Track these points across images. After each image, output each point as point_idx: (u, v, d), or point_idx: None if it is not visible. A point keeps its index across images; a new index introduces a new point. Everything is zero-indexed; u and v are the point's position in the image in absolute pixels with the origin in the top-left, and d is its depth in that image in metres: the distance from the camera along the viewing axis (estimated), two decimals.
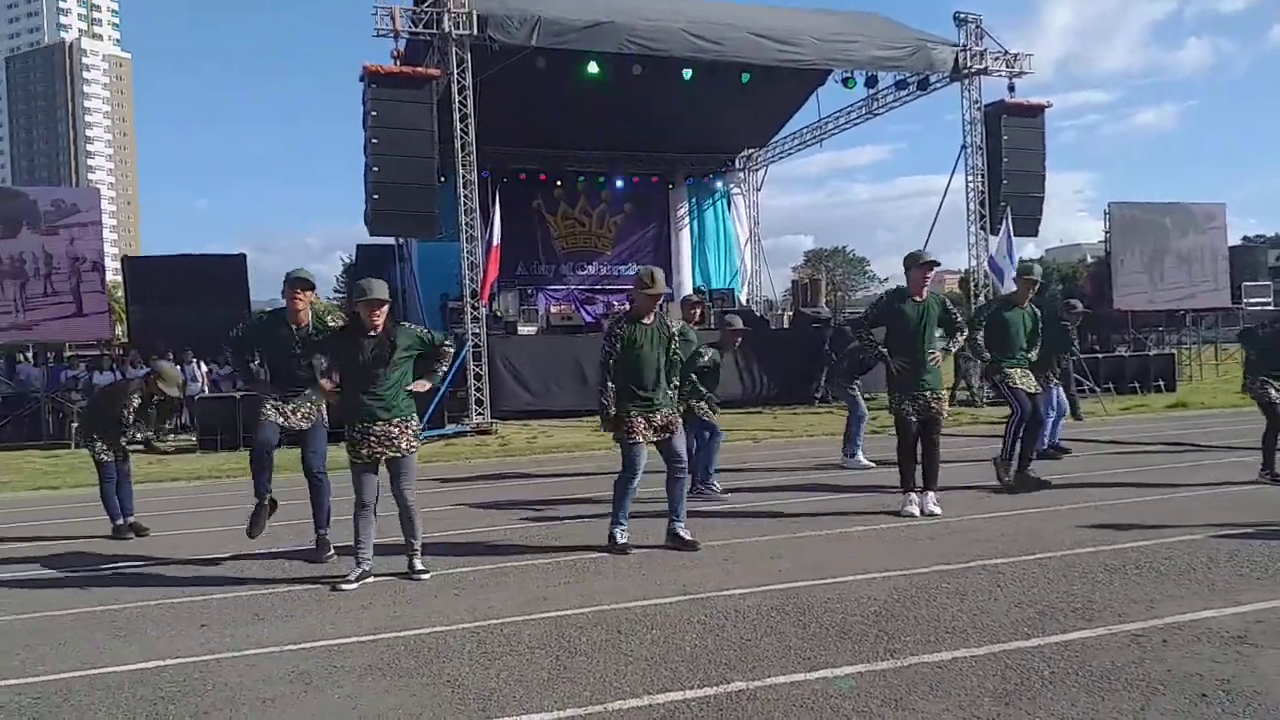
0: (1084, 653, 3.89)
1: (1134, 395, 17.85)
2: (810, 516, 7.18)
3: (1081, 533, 6.18)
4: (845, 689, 3.60)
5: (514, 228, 21.70)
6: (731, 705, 3.49)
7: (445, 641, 4.43)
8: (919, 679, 3.68)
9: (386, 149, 15.02)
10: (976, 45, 18.29)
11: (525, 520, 7.61)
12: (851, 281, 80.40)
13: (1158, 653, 3.85)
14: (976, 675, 3.69)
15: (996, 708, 3.36)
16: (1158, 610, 4.40)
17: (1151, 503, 7.25)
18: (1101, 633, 4.13)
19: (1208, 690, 3.44)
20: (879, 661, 3.89)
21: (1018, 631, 4.20)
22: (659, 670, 3.88)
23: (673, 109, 20.87)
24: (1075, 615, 4.40)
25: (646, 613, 4.73)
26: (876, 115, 21.58)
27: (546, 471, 10.78)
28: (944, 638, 4.16)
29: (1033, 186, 18.85)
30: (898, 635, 4.22)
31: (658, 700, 3.56)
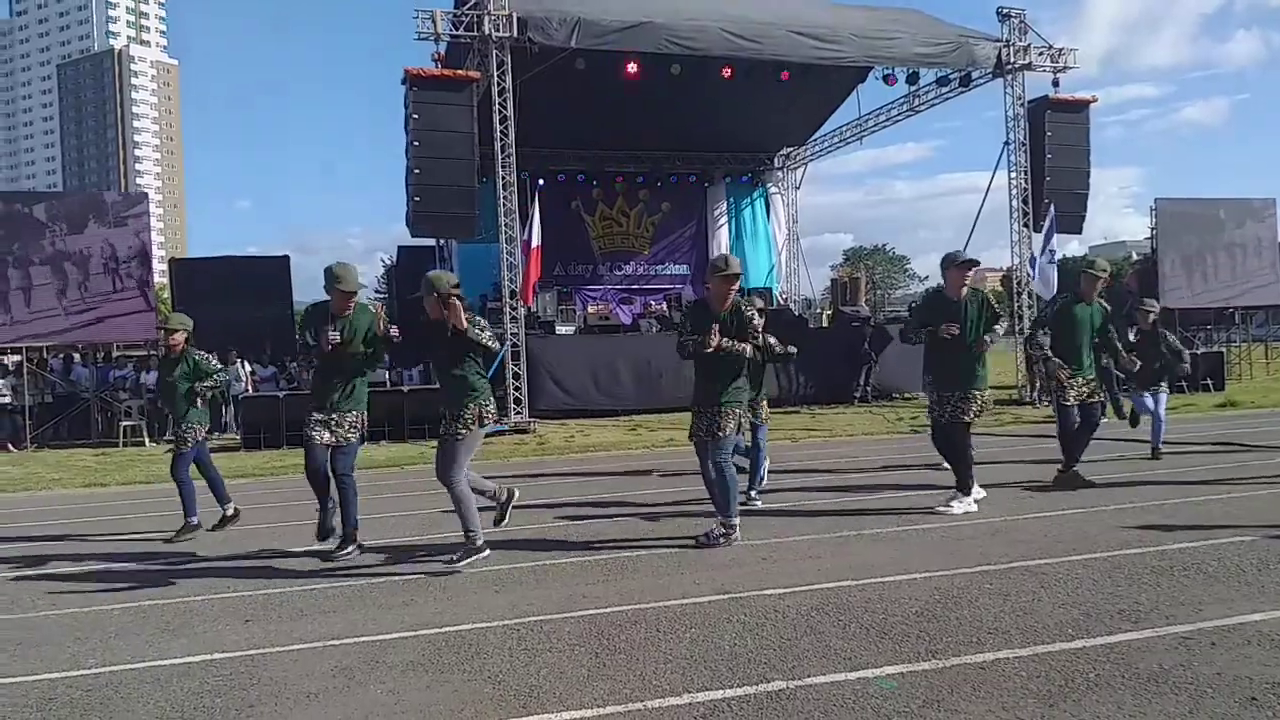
0: (1130, 655, 3.83)
1: (1181, 394, 17.50)
2: (849, 516, 7.14)
3: (1127, 534, 6.08)
4: (887, 689, 3.58)
5: (552, 228, 21.78)
6: (771, 704, 3.49)
7: (485, 638, 4.47)
8: (961, 680, 3.64)
9: (427, 151, 15.18)
10: (1020, 40, 18.04)
11: (563, 519, 7.64)
12: (891, 280, 79.76)
13: (1206, 655, 3.78)
14: (1020, 676, 3.65)
15: (1040, 709, 3.32)
16: (1206, 613, 4.32)
17: (1199, 504, 7.11)
18: (1148, 635, 4.06)
19: (1258, 694, 3.37)
20: (920, 662, 3.86)
21: (1062, 633, 4.14)
22: (698, 669, 3.88)
23: (711, 108, 20.83)
24: (1121, 617, 4.33)
25: (685, 611, 4.74)
26: (918, 112, 21.37)
27: (584, 470, 10.82)
28: (987, 639, 4.12)
29: (1077, 183, 18.55)
30: (939, 636, 4.18)
31: (698, 699, 3.57)
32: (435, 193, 15.30)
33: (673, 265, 25.62)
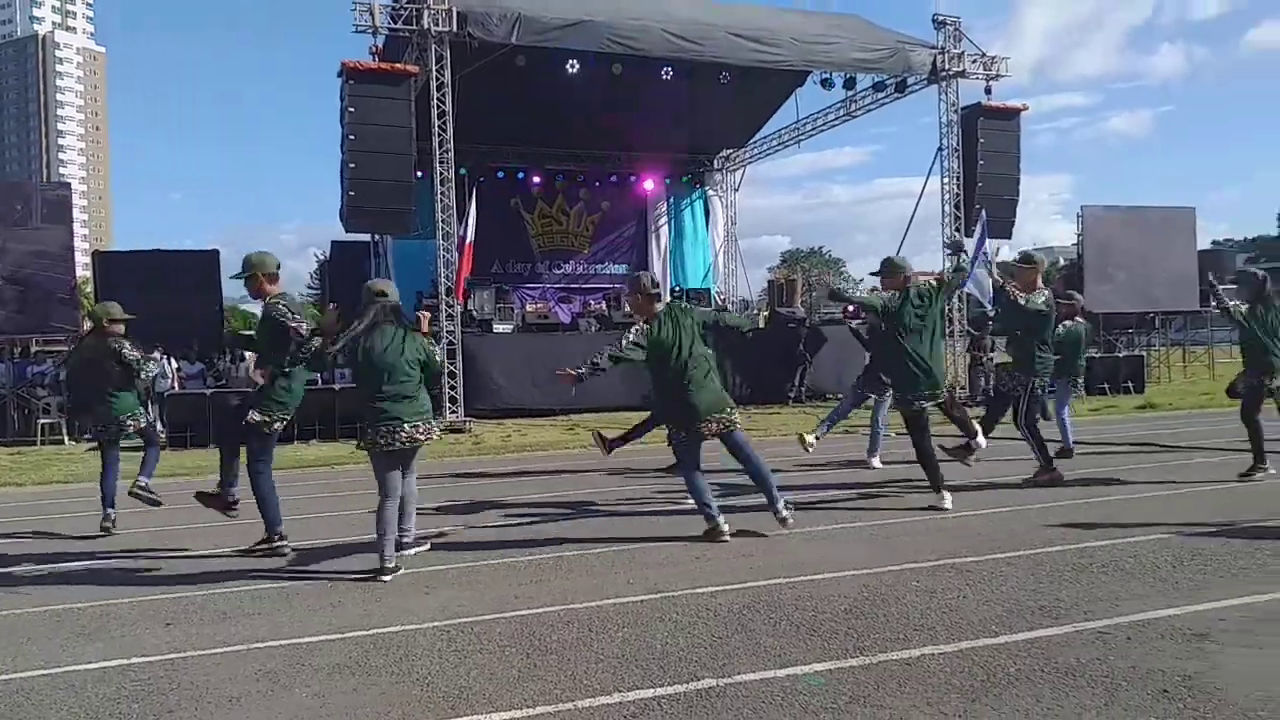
0: (1050, 650, 3.93)
1: (1104, 396, 18.05)
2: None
3: (1050, 532, 6.24)
4: (815, 686, 3.62)
5: (491, 226, 21.63)
6: (701, 702, 3.50)
7: (415, 639, 4.41)
8: (888, 676, 3.70)
9: (363, 145, 14.96)
10: (954, 48, 18.43)
11: (497, 519, 7.59)
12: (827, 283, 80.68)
13: (1122, 649, 3.90)
14: (944, 672, 3.72)
15: (963, 704, 3.39)
16: (1122, 608, 4.45)
17: (1119, 502, 7.33)
18: (1067, 630, 4.17)
19: (1169, 687, 3.48)
20: (849, 658, 3.91)
21: (986, 629, 4.23)
22: (629, 668, 3.88)
23: (652, 108, 20.90)
24: (1042, 613, 4.44)
25: (618, 611, 4.74)
26: (855, 117, 21.70)
27: (520, 470, 10.75)
28: (913, 635, 4.19)
29: (1007, 189, 19.01)
30: (867, 633, 4.24)
31: (629, 698, 3.56)
32: (371, 187, 15.09)
33: (612, 265, 25.62)
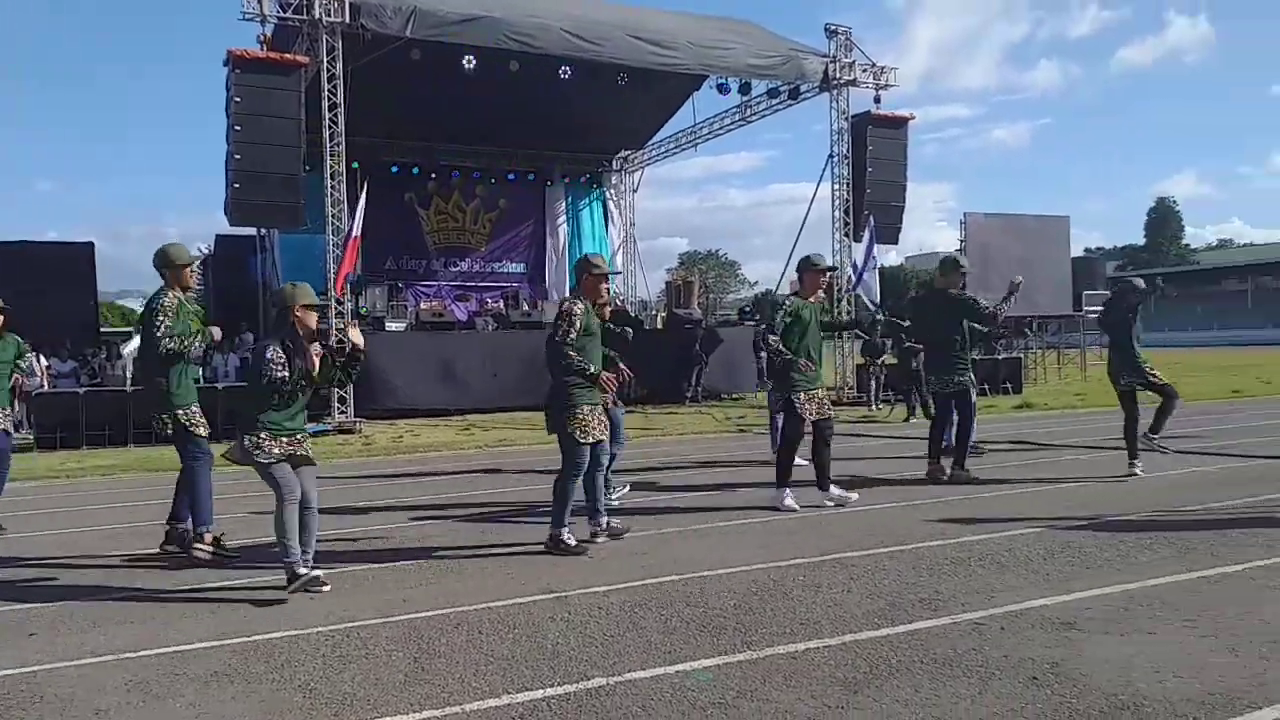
0: (929, 641, 4.07)
1: (984, 397, 18.77)
2: (676, 512, 7.28)
3: (930, 527, 6.47)
4: (704, 682, 3.66)
5: (384, 221, 21.24)
6: (591, 701, 3.51)
7: (298, 646, 4.29)
8: (774, 670, 3.77)
9: (250, 137, 14.46)
10: (846, 57, 18.89)
11: (387, 522, 7.44)
12: (724, 284, 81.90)
13: (996, 639, 4.07)
14: (828, 665, 3.81)
15: (846, 695, 3.48)
16: (997, 600, 4.64)
17: (995, 498, 7.65)
18: (945, 622, 4.33)
19: (1039, 674, 3.64)
20: (737, 654, 3.97)
21: (868, 622, 4.36)
22: (519, 669, 3.86)
23: (550, 107, 20.81)
24: (922, 605, 4.60)
25: (509, 612, 4.70)
26: (750, 122, 22.07)
27: (412, 471, 10.57)
28: (799, 629, 4.28)
29: (895, 196, 19.61)
30: (755, 627, 4.32)
31: (517, 699, 3.54)
32: (258, 180, 14.59)
33: (510, 263, 25.44)
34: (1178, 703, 3.31)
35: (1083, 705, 3.32)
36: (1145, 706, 3.29)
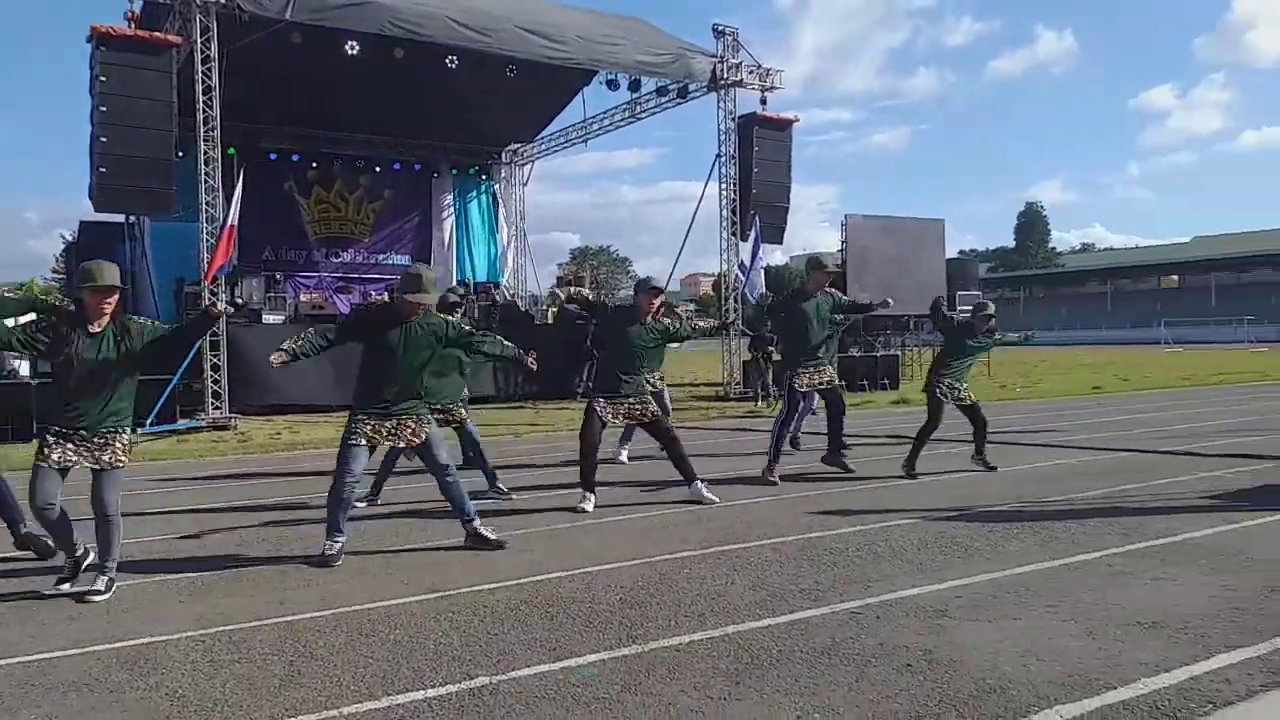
0: (809, 630, 4.17)
1: (864, 392, 19.39)
2: (565, 509, 7.25)
3: (811, 519, 6.63)
4: (588, 677, 3.66)
5: (262, 210, 20.50)
6: (474, 701, 3.46)
7: (165, 651, 4.10)
8: (659, 662, 3.80)
9: (117, 119, 13.70)
10: (733, 58, 19.14)
11: (262, 521, 7.16)
12: (615, 280, 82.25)
13: (872, 628, 4.19)
14: (712, 656, 3.86)
15: (728, 686, 3.53)
16: (873, 589, 4.79)
17: (873, 490, 7.90)
18: (824, 611, 4.45)
19: (912, 661, 3.77)
20: (622, 648, 3.98)
21: (751, 613, 4.44)
22: (400, 670, 3.78)
23: (437, 97, 20.44)
24: (802, 596, 4.71)
25: (390, 613, 4.60)
26: (639, 119, 22.13)
27: (290, 470, 10.23)
28: (683, 621, 4.33)
29: (779, 197, 19.99)
30: (640, 621, 4.34)
31: (397, 701, 3.47)
32: (125, 164, 13.84)
33: (395, 255, 24.87)
34: (1040, 685, 3.47)
35: (953, 690, 3.45)
36: (1011, 690, 3.44)
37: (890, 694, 3.44)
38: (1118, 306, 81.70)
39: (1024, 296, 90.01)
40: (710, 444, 11.75)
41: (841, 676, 3.62)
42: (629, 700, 3.42)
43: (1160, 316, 61.17)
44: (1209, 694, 3.35)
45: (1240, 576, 4.87)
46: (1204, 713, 3.20)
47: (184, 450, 11.92)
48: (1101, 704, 3.29)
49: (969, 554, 5.52)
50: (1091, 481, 7.96)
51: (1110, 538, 5.81)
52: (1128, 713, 3.21)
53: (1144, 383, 21.85)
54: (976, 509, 6.86)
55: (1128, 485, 7.74)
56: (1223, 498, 7.10)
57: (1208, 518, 6.33)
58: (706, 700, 3.41)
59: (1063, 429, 12.24)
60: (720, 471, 8.78)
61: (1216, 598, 4.51)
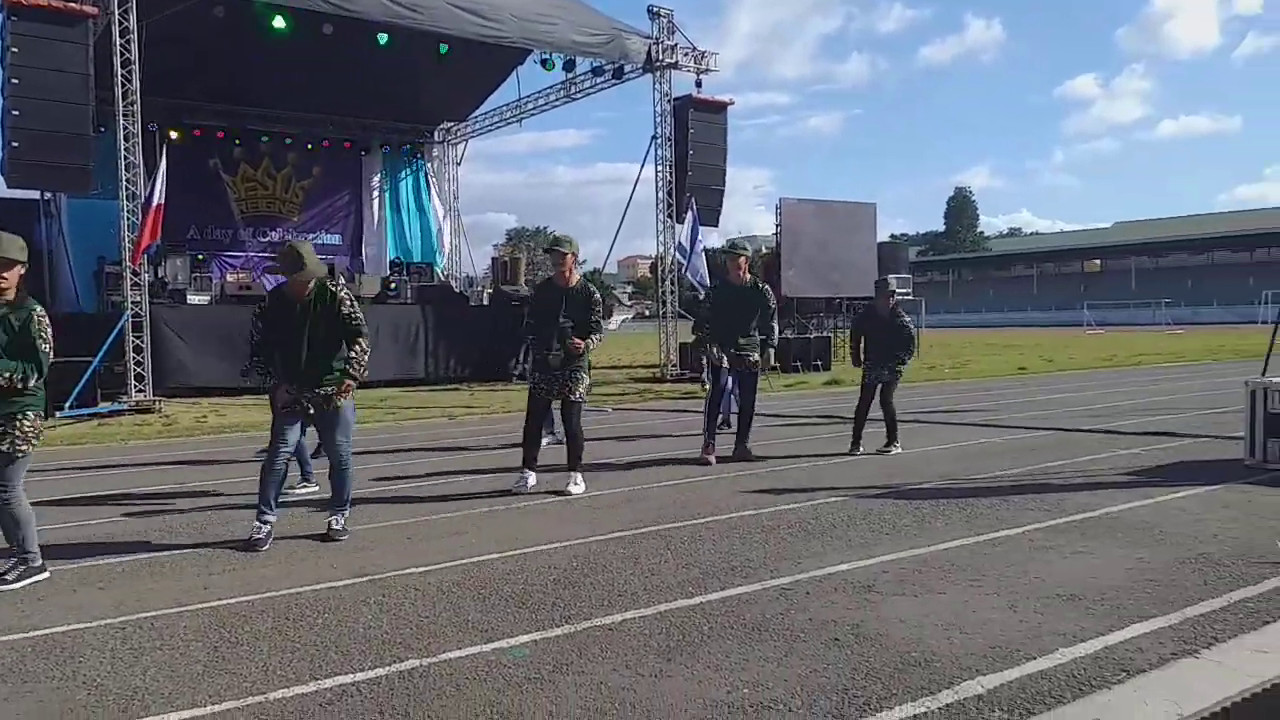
0: (740, 607, 4.21)
1: (797, 373, 19.62)
2: (499, 491, 7.20)
3: (743, 497, 6.70)
4: (519, 658, 3.65)
5: (186, 187, 19.88)
6: (404, 684, 3.42)
7: (83, 640, 3.98)
8: (591, 641, 3.80)
9: (30, 92, 13.15)
10: (668, 39, 19.09)
11: (189, 507, 6.99)
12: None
13: (802, 603, 4.25)
14: (644, 634, 3.88)
15: (659, 664, 3.56)
16: (804, 565, 4.86)
17: (805, 469, 8.01)
18: (755, 588, 4.50)
19: (840, 635, 3.84)
20: (554, 628, 3.98)
21: (683, 590, 4.47)
22: (328, 654, 3.72)
23: (367, 74, 20.02)
24: (734, 573, 4.76)
25: (319, 597, 4.52)
26: (574, 100, 21.97)
27: (216, 454, 9.99)
28: (616, 600, 4.34)
29: (715, 179, 20.05)
30: (574, 601, 4.34)
31: (325, 685, 3.42)
32: (39, 139, 13.30)
33: (326, 235, 24.39)
34: (963, 657, 3.56)
35: (879, 663, 3.52)
36: (935, 662, 3.52)
37: (818, 668, 3.49)
38: (1043, 289, 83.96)
39: (953, 279, 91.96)
40: (646, 426, 11.79)
41: (771, 652, 3.67)
42: (560, 680, 3.42)
43: (1083, 299, 63.00)
44: (1123, 662, 3.47)
45: (1154, 550, 5.05)
46: (1118, 680, 3.31)
47: (105, 434, 11.56)
48: (1021, 674, 3.39)
49: (897, 530, 5.63)
50: (1015, 459, 8.17)
51: (1033, 513, 5.98)
52: (1046, 682, 3.31)
53: (1067, 364, 22.48)
54: (905, 487, 6.99)
55: (1050, 463, 7.96)
56: (1139, 474, 7.36)
57: (1125, 493, 6.55)
58: (638, 678, 3.42)
59: (989, 408, 12.54)
60: (656, 452, 8.81)
61: (1132, 570, 4.67)
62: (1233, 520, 5.69)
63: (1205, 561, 4.79)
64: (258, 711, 3.22)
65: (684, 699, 3.24)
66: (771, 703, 3.19)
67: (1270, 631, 3.77)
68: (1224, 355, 23.66)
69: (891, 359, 8.99)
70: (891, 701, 3.18)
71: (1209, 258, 75.62)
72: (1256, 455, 7.45)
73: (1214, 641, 3.66)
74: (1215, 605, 4.09)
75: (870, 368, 9.08)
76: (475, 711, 3.17)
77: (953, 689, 3.27)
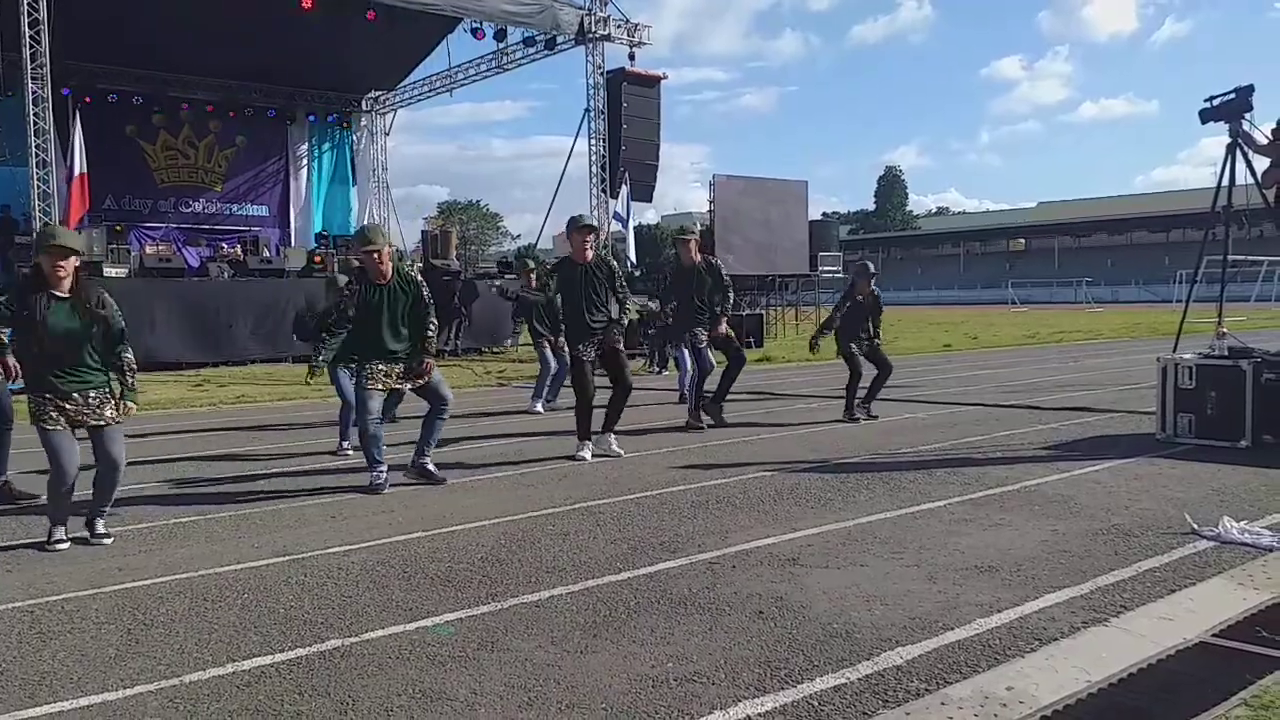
0: (666, 582, 4.23)
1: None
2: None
3: (674, 473, 6.73)
4: (444, 635, 3.62)
5: (102, 155, 19.21)
6: (324, 664, 3.37)
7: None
8: (516, 619, 3.79)
9: None
10: (601, 11, 18.96)
11: None
12: (485, 237, 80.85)
13: (728, 577, 4.29)
14: (570, 610, 3.87)
15: (585, 640, 3.56)
16: (730, 540, 4.91)
17: (734, 445, 8.07)
18: (683, 563, 4.52)
19: (764, 608, 3.88)
20: (480, 606, 3.95)
21: (611, 566, 4.47)
22: (247, 636, 3.65)
23: (292, 40, 19.53)
24: (662, 548, 4.78)
25: (238, 577, 4.43)
26: (506, 70, 21.75)
27: (134, 431, 9.68)
28: (544, 577, 4.32)
29: (649, 154, 20.04)
30: (500, 579, 4.31)
31: (243, 667, 3.34)
32: None
33: (250, 206, 23.81)
34: (884, 628, 3.63)
35: (802, 635, 3.57)
36: (856, 634, 3.58)
37: (742, 641, 3.53)
38: (970, 268, 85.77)
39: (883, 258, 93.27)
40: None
41: (696, 625, 3.69)
42: (485, 657, 3.40)
43: (1008, 278, 64.54)
44: (1036, 631, 3.58)
45: (1069, 522, 5.20)
46: (1031, 649, 3.41)
47: (22, 410, 11.11)
48: (939, 644, 3.47)
49: (822, 504, 5.71)
50: (939, 434, 8.35)
51: (953, 487, 6.11)
52: (962, 652, 3.39)
53: (992, 341, 23.02)
54: (831, 461, 7.10)
55: (972, 438, 8.15)
56: (1057, 448, 7.57)
57: (1043, 467, 6.74)
58: (563, 654, 3.42)
59: (915, 384, 12.79)
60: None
61: (1047, 542, 4.81)
62: (1143, 492, 5.89)
63: (1116, 533, 4.95)
64: (171, 695, 3.13)
65: (609, 674, 3.24)
66: (695, 676, 3.21)
67: (1176, 600, 3.92)
68: (1140, 333, 24.46)
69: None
70: (813, 673, 3.23)
71: (1128, 238, 77.99)
72: (1167, 430, 7.72)
73: (1123, 610, 3.79)
74: (1125, 575, 4.24)
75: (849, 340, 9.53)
76: (397, 690, 3.13)
77: (872, 660, 3.33)
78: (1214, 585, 4.09)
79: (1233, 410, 7.30)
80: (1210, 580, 4.15)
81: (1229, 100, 8.12)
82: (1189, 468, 6.64)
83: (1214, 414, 7.42)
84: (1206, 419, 7.47)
